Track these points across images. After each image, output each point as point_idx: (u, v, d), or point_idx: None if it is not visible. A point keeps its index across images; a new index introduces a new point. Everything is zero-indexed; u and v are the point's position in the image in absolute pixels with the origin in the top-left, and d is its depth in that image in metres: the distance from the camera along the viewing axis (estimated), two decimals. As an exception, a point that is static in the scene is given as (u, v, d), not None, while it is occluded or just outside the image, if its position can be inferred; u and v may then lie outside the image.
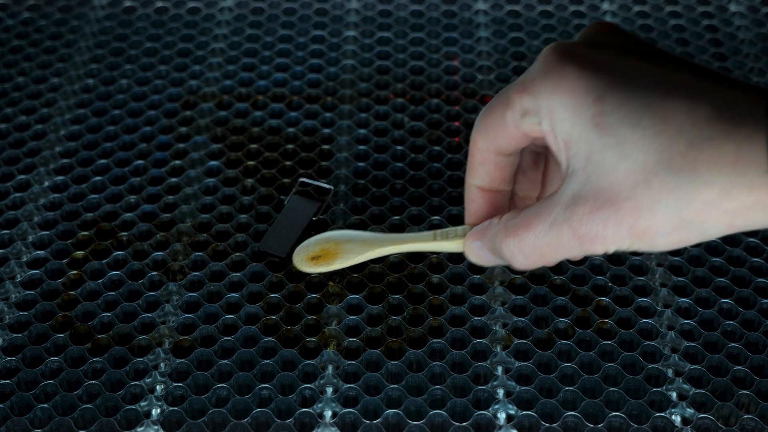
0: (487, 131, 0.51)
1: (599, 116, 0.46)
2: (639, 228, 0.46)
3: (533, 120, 0.49)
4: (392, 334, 0.65)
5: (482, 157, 0.53)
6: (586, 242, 0.47)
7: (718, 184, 0.44)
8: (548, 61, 0.48)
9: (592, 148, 0.47)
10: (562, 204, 0.48)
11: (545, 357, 0.64)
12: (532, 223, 0.49)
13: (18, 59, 0.86)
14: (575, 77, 0.47)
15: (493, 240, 0.51)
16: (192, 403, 0.62)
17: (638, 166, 0.45)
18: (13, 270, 0.70)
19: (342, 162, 0.77)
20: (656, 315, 0.66)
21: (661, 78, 0.46)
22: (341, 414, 0.61)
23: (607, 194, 0.46)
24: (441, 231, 0.55)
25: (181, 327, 0.66)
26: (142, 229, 0.72)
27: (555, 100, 0.47)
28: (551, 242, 0.49)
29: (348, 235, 0.58)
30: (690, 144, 0.44)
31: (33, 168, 0.76)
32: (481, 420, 0.61)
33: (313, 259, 0.57)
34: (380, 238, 0.57)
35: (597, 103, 0.46)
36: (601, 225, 0.46)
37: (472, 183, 0.54)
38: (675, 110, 0.45)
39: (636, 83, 0.46)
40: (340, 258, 0.57)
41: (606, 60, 0.47)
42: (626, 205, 0.46)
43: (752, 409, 0.61)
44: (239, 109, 0.82)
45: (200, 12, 0.91)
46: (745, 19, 0.90)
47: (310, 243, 0.58)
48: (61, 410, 0.62)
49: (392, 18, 0.90)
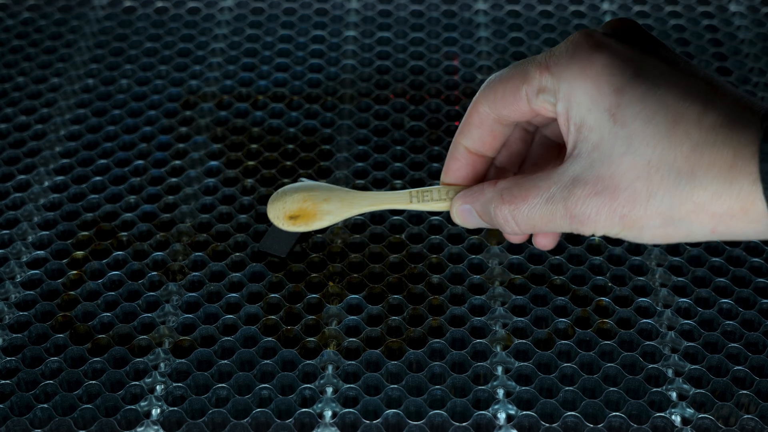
0: (495, 99, 0.53)
1: (616, 107, 0.48)
2: (630, 218, 0.48)
3: (549, 99, 0.50)
4: (392, 335, 0.66)
5: (480, 120, 0.54)
6: (576, 222, 0.50)
7: (711, 188, 0.46)
8: (578, 46, 0.50)
9: (602, 136, 0.48)
10: (562, 182, 0.50)
11: (545, 357, 0.64)
12: (529, 195, 0.51)
13: (18, 59, 0.86)
14: (601, 66, 0.49)
15: (487, 205, 0.53)
16: (192, 403, 0.62)
17: (643, 161, 0.47)
18: (13, 270, 0.70)
19: (342, 162, 0.77)
20: (656, 315, 0.66)
21: (678, 81, 0.48)
22: (341, 414, 0.61)
23: (607, 182, 0.48)
24: (417, 191, 0.57)
25: (181, 327, 0.66)
26: (142, 229, 0.72)
27: (577, 84, 0.49)
28: (544, 216, 0.51)
29: (324, 191, 0.58)
30: (694, 147, 0.46)
31: (33, 168, 0.77)
32: (481, 420, 0.61)
33: (291, 218, 0.57)
34: (357, 197, 0.57)
35: (616, 94, 0.48)
36: (595, 209, 0.49)
37: (461, 142, 0.55)
38: (686, 113, 0.47)
39: (655, 82, 0.48)
40: (319, 219, 0.57)
41: (631, 55, 0.49)
42: (623, 194, 0.48)
43: (752, 409, 0.61)
44: (239, 109, 0.82)
45: (200, 12, 0.91)
46: (745, 19, 0.90)
47: (286, 196, 0.57)
48: (61, 410, 0.62)
49: (392, 18, 0.90)
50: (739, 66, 0.85)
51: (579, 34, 0.50)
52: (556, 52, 0.50)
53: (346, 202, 0.57)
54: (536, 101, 0.51)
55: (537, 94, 0.51)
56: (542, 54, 0.51)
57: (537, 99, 0.51)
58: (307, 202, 0.57)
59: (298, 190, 0.57)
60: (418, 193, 0.56)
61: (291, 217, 0.57)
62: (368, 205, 0.57)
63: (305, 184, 0.58)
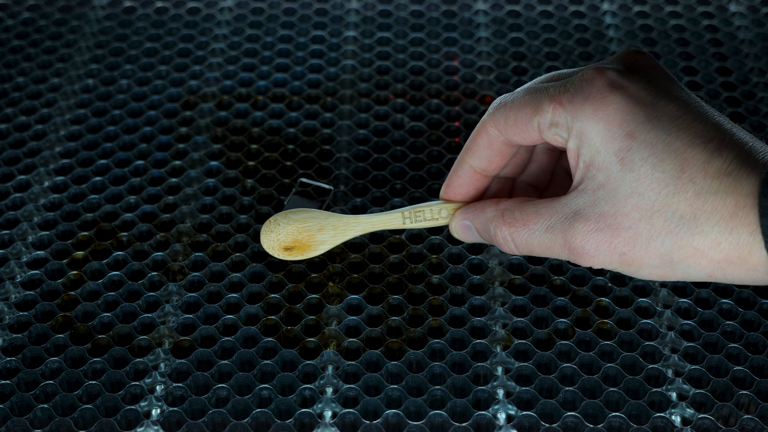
0: (506, 124, 0.53)
1: (626, 151, 0.49)
2: (630, 256, 0.50)
3: (561, 133, 0.51)
4: (392, 335, 0.66)
5: (489, 142, 0.55)
6: (574, 254, 0.51)
7: (711, 235, 0.48)
8: (592, 84, 0.50)
9: (609, 177, 0.50)
10: (564, 214, 0.51)
11: (545, 357, 0.64)
12: (530, 221, 0.52)
13: (18, 59, 0.86)
14: (614, 109, 0.50)
15: (488, 224, 0.54)
16: (192, 403, 0.62)
17: (647, 204, 0.49)
18: (13, 270, 0.70)
19: (342, 162, 0.77)
20: (656, 315, 0.66)
21: (688, 127, 0.49)
22: (341, 414, 0.61)
23: (610, 220, 0.50)
24: (409, 211, 0.58)
25: (181, 327, 0.66)
26: (142, 229, 0.72)
27: (589, 124, 0.50)
28: (542, 243, 0.52)
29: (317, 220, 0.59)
30: (698, 194, 0.48)
31: (33, 168, 0.77)
32: (481, 420, 0.61)
33: (286, 250, 0.59)
34: (351, 222, 0.59)
35: (627, 138, 0.49)
36: (595, 245, 0.50)
37: (468, 161, 0.56)
38: (692, 160, 0.48)
39: (665, 129, 0.49)
40: (314, 249, 0.59)
41: (643, 96, 0.50)
42: (625, 234, 0.50)
43: (752, 409, 0.61)
44: (239, 110, 0.82)
45: (200, 12, 0.91)
46: (745, 19, 0.90)
47: (279, 228, 0.59)
48: (61, 410, 0.62)
49: (392, 18, 0.90)
50: (739, 66, 0.85)
51: (593, 71, 0.51)
52: (571, 88, 0.51)
53: (340, 230, 0.59)
54: (548, 133, 0.52)
55: (549, 127, 0.52)
56: (556, 86, 0.52)
57: (549, 131, 0.52)
58: (302, 234, 0.59)
59: (290, 221, 0.59)
60: (410, 213, 0.58)
61: (286, 248, 0.59)
62: (361, 229, 0.59)
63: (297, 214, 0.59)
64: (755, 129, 0.79)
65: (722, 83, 0.83)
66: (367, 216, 0.59)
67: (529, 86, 0.53)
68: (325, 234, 0.59)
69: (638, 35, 0.88)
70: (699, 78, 0.84)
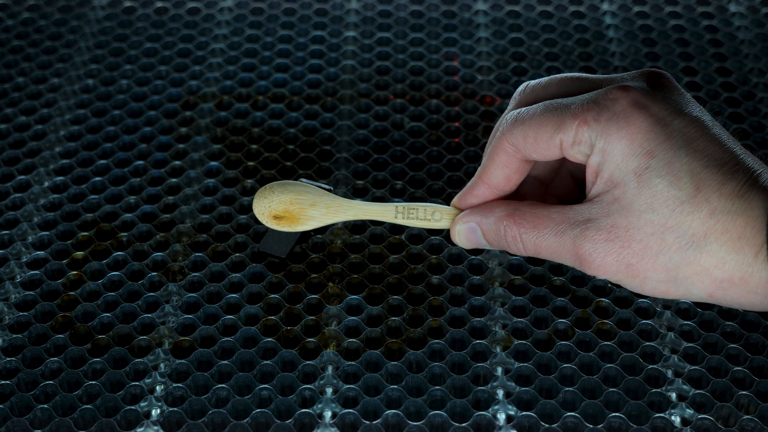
0: (525, 142, 0.54)
1: (644, 170, 0.51)
2: (636, 268, 0.51)
3: (584, 150, 0.52)
4: (392, 335, 0.66)
5: (508, 160, 0.55)
6: (580, 261, 0.52)
7: (718, 254, 0.50)
8: (618, 104, 0.51)
9: (625, 192, 0.51)
10: (575, 221, 0.52)
11: (545, 358, 0.64)
12: (541, 223, 0.53)
13: (18, 59, 0.86)
14: (638, 128, 0.51)
15: (497, 223, 0.55)
16: (192, 403, 0.62)
17: (661, 220, 0.50)
18: (13, 270, 0.70)
19: (342, 162, 0.77)
20: (656, 316, 0.66)
21: (704, 149, 0.51)
22: (341, 414, 0.61)
23: (621, 232, 0.51)
24: (404, 206, 0.58)
25: (181, 327, 0.66)
26: (142, 229, 0.72)
27: (614, 143, 0.51)
28: (550, 247, 0.53)
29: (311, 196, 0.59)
30: (711, 213, 0.50)
31: (33, 168, 0.77)
32: (481, 421, 0.61)
33: (276, 218, 0.59)
34: (343, 205, 0.59)
35: (646, 156, 0.51)
36: (602, 254, 0.51)
37: (486, 182, 0.57)
38: (708, 182, 0.50)
39: (684, 148, 0.51)
40: (302, 223, 0.59)
41: (665, 116, 0.51)
42: (635, 246, 0.51)
43: (752, 409, 0.62)
44: (239, 110, 0.82)
45: (200, 12, 0.91)
46: (745, 19, 0.90)
47: (273, 195, 0.58)
48: (61, 411, 0.62)
49: (392, 18, 0.90)
50: (739, 66, 0.85)
51: (618, 90, 0.52)
52: (594, 107, 0.52)
53: (332, 210, 0.59)
54: (571, 151, 0.53)
55: (573, 144, 0.52)
56: (577, 103, 0.52)
57: (572, 149, 0.53)
58: (294, 205, 0.58)
59: (285, 191, 0.58)
60: (404, 209, 0.58)
61: (275, 216, 0.58)
62: (353, 214, 0.59)
63: (294, 185, 0.59)
64: (755, 129, 0.79)
65: (722, 83, 0.83)
66: (362, 202, 0.59)
67: (547, 103, 0.54)
68: (316, 210, 0.58)
69: (638, 35, 0.88)
70: (699, 78, 0.84)
